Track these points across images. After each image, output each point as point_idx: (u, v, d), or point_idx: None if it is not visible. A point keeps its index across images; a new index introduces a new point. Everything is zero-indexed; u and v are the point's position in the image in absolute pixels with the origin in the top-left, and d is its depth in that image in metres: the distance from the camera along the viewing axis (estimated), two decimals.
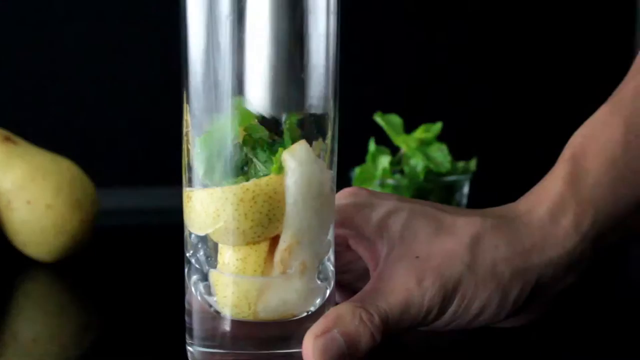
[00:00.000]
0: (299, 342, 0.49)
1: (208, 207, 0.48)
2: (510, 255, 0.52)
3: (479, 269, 0.51)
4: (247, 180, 0.48)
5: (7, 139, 0.79)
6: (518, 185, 0.60)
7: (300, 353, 0.49)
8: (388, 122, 0.75)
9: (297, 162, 0.47)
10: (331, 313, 0.49)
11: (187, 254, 0.50)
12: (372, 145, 0.76)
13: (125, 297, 0.71)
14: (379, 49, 1.10)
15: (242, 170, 0.48)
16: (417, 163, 0.73)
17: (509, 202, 0.56)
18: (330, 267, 0.51)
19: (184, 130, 0.50)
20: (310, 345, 0.48)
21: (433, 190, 0.74)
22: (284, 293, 0.49)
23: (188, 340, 0.51)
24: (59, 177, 0.78)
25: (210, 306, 0.50)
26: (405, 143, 0.74)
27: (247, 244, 0.48)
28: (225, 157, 0.48)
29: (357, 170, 0.75)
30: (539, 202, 0.54)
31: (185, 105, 0.49)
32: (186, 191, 0.50)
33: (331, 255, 0.51)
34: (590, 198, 0.53)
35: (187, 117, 0.49)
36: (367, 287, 0.51)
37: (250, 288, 0.48)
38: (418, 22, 1.11)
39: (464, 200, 0.77)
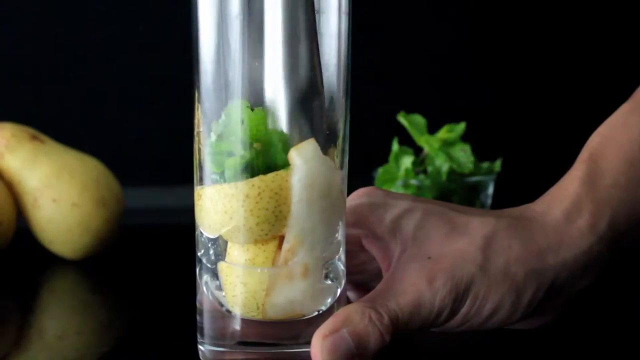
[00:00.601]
0: (309, 342, 0.49)
1: (216, 204, 0.48)
2: (524, 255, 0.51)
3: (491, 269, 0.50)
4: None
5: (35, 137, 0.80)
6: (545, 186, 0.59)
7: (310, 352, 0.49)
8: (411, 122, 0.75)
9: (302, 159, 0.47)
10: (340, 313, 0.49)
11: (199, 254, 0.51)
12: (395, 146, 0.75)
13: (147, 295, 0.72)
14: (404, 48, 1.09)
15: (251, 168, 0.48)
16: (441, 164, 0.73)
17: None
18: (341, 267, 0.51)
19: (196, 129, 0.50)
20: (318, 345, 0.48)
21: (456, 190, 0.74)
22: (290, 293, 0.49)
23: (199, 339, 0.51)
24: (85, 175, 0.78)
25: (222, 305, 0.50)
26: (428, 143, 0.73)
27: (255, 242, 0.48)
28: (235, 156, 0.48)
29: (379, 171, 0.75)
30: (555, 203, 0.53)
31: (196, 104, 0.49)
32: (197, 189, 0.50)
33: (342, 254, 0.51)
34: (608, 198, 0.53)
35: (199, 117, 0.49)
36: (378, 287, 0.51)
37: (257, 289, 0.48)
38: (444, 21, 1.10)
39: (489, 201, 0.77)
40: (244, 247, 0.48)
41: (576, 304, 0.54)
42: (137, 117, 1.06)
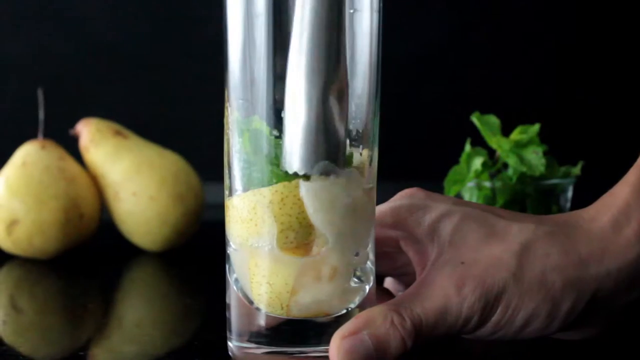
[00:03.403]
0: None
1: (241, 212, 0.48)
2: (563, 264, 0.49)
3: (525, 277, 0.48)
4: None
5: (118, 133, 0.82)
6: None
7: None
8: (485, 122, 0.72)
9: (315, 184, 0.47)
10: (363, 315, 0.48)
11: (228, 251, 0.51)
12: (467, 146, 0.73)
13: (221, 288, 0.72)
14: (492, 48, 1.07)
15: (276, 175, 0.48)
16: (512, 166, 0.71)
17: None
18: (370, 266, 0.50)
19: (225, 129, 0.50)
20: (335, 346, 0.47)
21: (530, 194, 0.71)
22: (316, 294, 0.48)
23: (228, 335, 0.51)
24: (164, 170, 0.80)
25: (251, 302, 0.50)
26: (499, 144, 0.71)
27: (281, 249, 0.48)
28: (260, 162, 0.48)
29: (450, 172, 0.73)
30: (604, 210, 0.51)
31: (226, 104, 0.49)
32: (225, 201, 0.50)
33: (371, 254, 0.50)
34: None
35: (227, 115, 0.49)
36: (407, 290, 0.50)
37: (282, 290, 0.48)
38: (526, 23, 1.07)
39: (568, 205, 0.74)
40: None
41: (626, 317, 0.52)
42: (222, 114, 1.08)
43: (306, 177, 0.47)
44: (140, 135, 0.84)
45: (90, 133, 0.81)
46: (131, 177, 0.80)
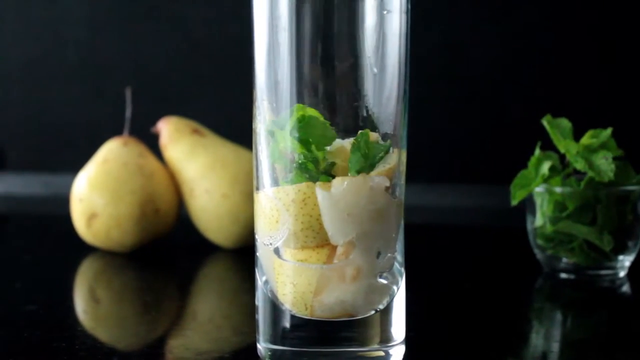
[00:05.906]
0: (360, 342, 0.49)
1: (265, 207, 0.49)
2: None
3: None
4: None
5: (195, 131, 0.84)
6: None
7: (360, 352, 0.49)
8: (556, 126, 0.70)
9: (335, 190, 0.47)
10: None
11: (257, 253, 0.51)
12: (537, 150, 0.71)
13: None
14: (572, 47, 1.02)
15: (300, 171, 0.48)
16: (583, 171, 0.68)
17: None
18: (397, 266, 0.50)
19: (254, 129, 0.50)
20: None
21: (601, 200, 0.68)
22: (340, 294, 0.48)
23: (257, 337, 0.52)
24: (237, 168, 0.81)
25: (282, 304, 0.50)
26: (567, 149, 0.68)
27: (302, 248, 0.48)
28: (285, 159, 0.48)
29: (518, 176, 0.71)
30: None
31: (255, 103, 0.50)
32: (254, 195, 0.51)
33: (399, 256, 0.50)
34: None
35: (255, 116, 0.50)
36: None
37: (306, 290, 0.48)
38: (601, 22, 1.02)
39: None
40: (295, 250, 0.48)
41: None
42: None
43: (328, 180, 0.47)
44: (223, 134, 0.86)
45: (169, 131, 0.83)
46: (205, 175, 0.81)
